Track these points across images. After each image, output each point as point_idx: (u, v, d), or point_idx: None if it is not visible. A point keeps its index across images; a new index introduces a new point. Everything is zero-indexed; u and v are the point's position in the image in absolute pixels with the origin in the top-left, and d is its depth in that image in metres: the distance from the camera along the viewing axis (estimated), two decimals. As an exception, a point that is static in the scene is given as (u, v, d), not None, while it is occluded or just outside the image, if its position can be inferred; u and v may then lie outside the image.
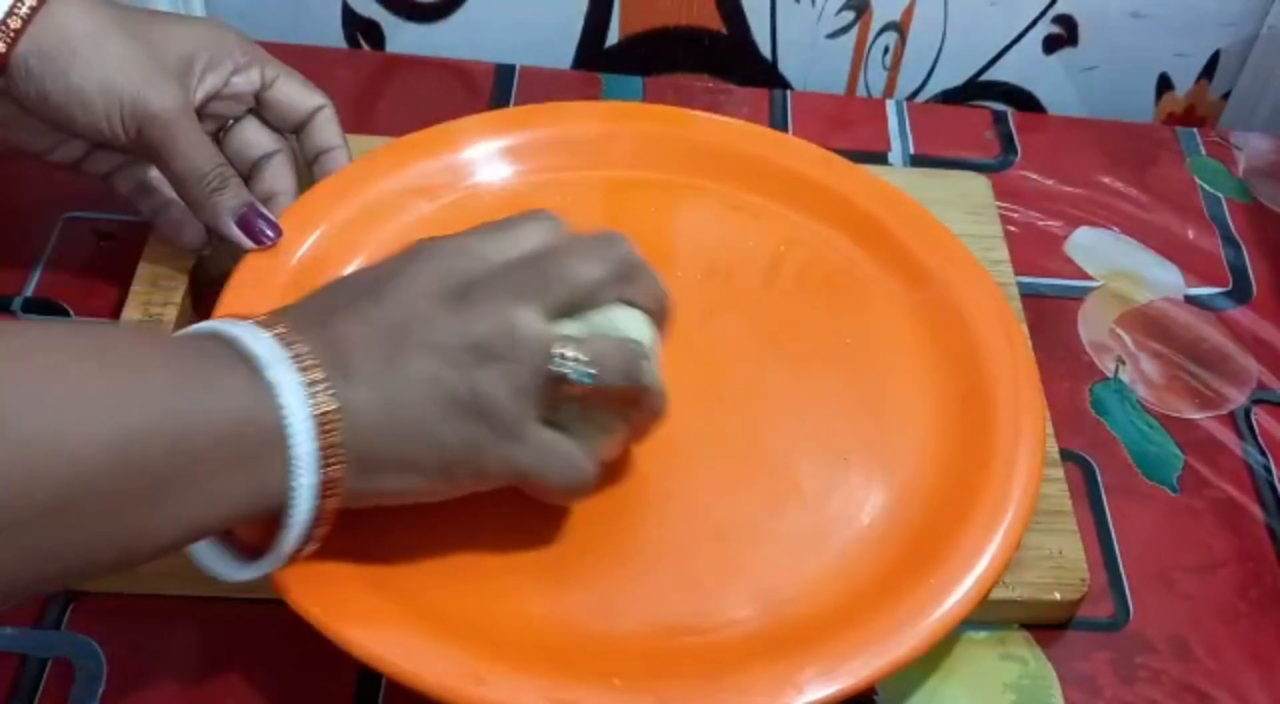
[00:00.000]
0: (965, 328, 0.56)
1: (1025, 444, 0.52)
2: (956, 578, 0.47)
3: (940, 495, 0.51)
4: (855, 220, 0.60)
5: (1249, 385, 0.62)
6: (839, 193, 0.61)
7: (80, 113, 0.53)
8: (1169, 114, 0.82)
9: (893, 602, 0.47)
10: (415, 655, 0.44)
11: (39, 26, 0.52)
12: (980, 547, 0.48)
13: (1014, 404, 0.53)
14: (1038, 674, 0.51)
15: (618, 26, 0.78)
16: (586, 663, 0.45)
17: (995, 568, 0.48)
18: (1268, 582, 0.55)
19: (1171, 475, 0.58)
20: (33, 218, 0.64)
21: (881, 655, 0.45)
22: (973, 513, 0.49)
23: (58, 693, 0.48)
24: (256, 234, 0.55)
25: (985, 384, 0.54)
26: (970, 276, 0.58)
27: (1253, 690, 0.51)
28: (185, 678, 0.49)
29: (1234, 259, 0.68)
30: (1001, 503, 0.50)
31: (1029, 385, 0.54)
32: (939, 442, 0.53)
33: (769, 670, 0.45)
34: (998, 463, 0.51)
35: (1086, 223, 0.69)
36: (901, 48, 0.79)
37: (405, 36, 0.79)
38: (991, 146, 0.73)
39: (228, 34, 0.57)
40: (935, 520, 0.50)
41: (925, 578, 0.48)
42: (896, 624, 0.46)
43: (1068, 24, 0.78)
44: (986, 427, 0.52)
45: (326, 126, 0.60)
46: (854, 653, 0.45)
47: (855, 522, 0.51)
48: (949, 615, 0.47)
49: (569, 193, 0.61)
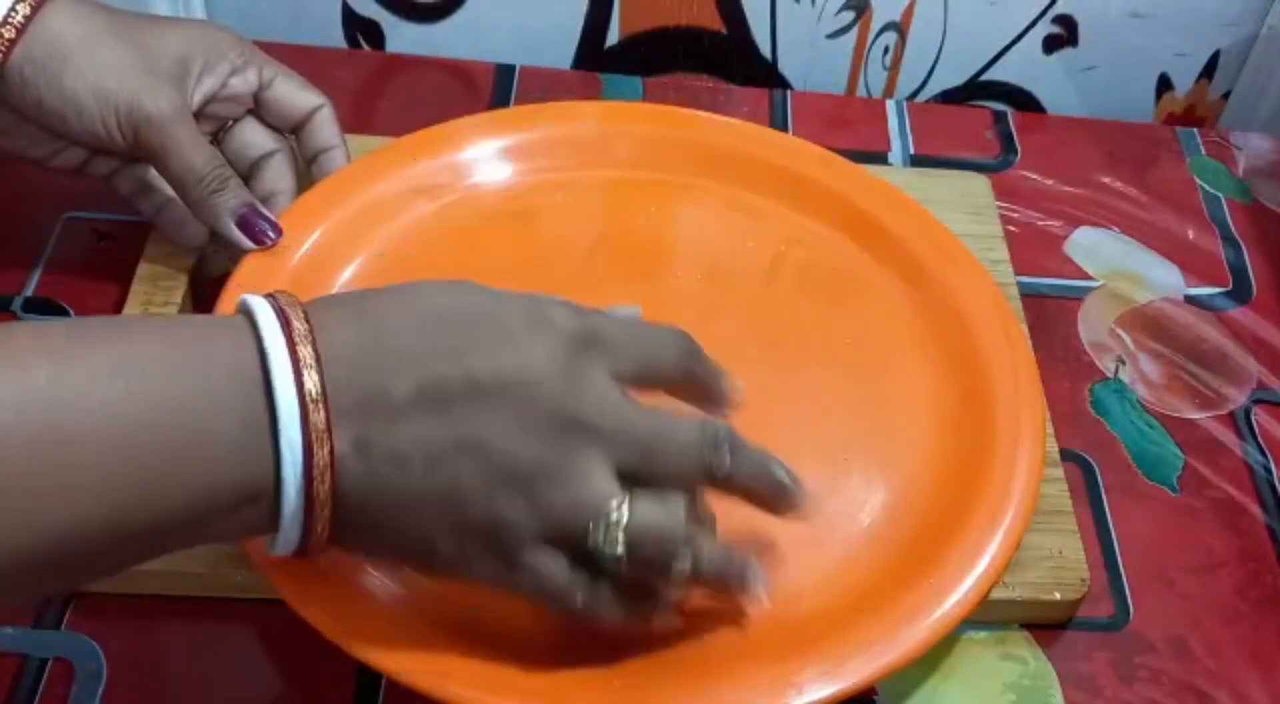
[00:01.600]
0: (965, 328, 0.56)
1: (1025, 444, 0.52)
2: (956, 578, 0.47)
3: (940, 495, 0.51)
4: (856, 220, 0.60)
5: (1249, 385, 0.62)
6: (839, 193, 0.61)
7: (75, 119, 0.53)
8: (1169, 114, 0.82)
9: (893, 601, 0.47)
10: (413, 657, 0.44)
11: (33, 34, 0.52)
12: (980, 547, 0.48)
13: (1014, 404, 0.53)
14: (1038, 674, 0.51)
15: (618, 26, 0.78)
16: (586, 664, 0.45)
17: (995, 568, 0.48)
18: (1268, 582, 0.55)
19: (1171, 475, 0.58)
20: (33, 218, 0.64)
21: (882, 655, 0.45)
22: (973, 513, 0.49)
23: (58, 693, 0.48)
24: (257, 234, 0.55)
25: (985, 384, 0.54)
26: (970, 277, 0.58)
27: (1253, 690, 0.51)
28: (185, 678, 0.49)
29: (1234, 259, 0.68)
30: (1001, 503, 0.50)
31: (1029, 385, 0.54)
32: (939, 441, 0.53)
33: (769, 670, 0.45)
34: (998, 463, 0.51)
35: (1086, 223, 0.69)
36: (901, 48, 0.79)
37: (405, 36, 0.79)
38: (991, 146, 0.73)
39: (224, 36, 0.57)
40: (935, 520, 0.50)
41: (925, 578, 0.48)
42: (897, 624, 0.46)
43: (1068, 24, 0.78)
44: (986, 426, 0.52)
45: (325, 126, 0.60)
46: (854, 653, 0.45)
47: (855, 522, 0.51)
48: (949, 615, 0.47)
49: (569, 193, 0.61)
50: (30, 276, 0.61)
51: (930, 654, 0.49)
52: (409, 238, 0.58)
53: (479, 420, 0.38)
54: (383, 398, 0.38)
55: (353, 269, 0.57)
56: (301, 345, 0.38)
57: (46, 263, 0.62)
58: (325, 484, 0.38)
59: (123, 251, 0.61)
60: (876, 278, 0.59)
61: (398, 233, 0.58)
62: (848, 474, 0.52)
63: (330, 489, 0.38)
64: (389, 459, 0.38)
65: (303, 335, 0.38)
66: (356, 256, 0.57)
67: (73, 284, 0.61)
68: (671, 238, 0.61)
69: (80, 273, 0.61)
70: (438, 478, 0.39)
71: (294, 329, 0.38)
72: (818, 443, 0.53)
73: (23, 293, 0.60)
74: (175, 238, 0.59)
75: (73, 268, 0.62)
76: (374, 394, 0.38)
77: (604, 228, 0.61)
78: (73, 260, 0.62)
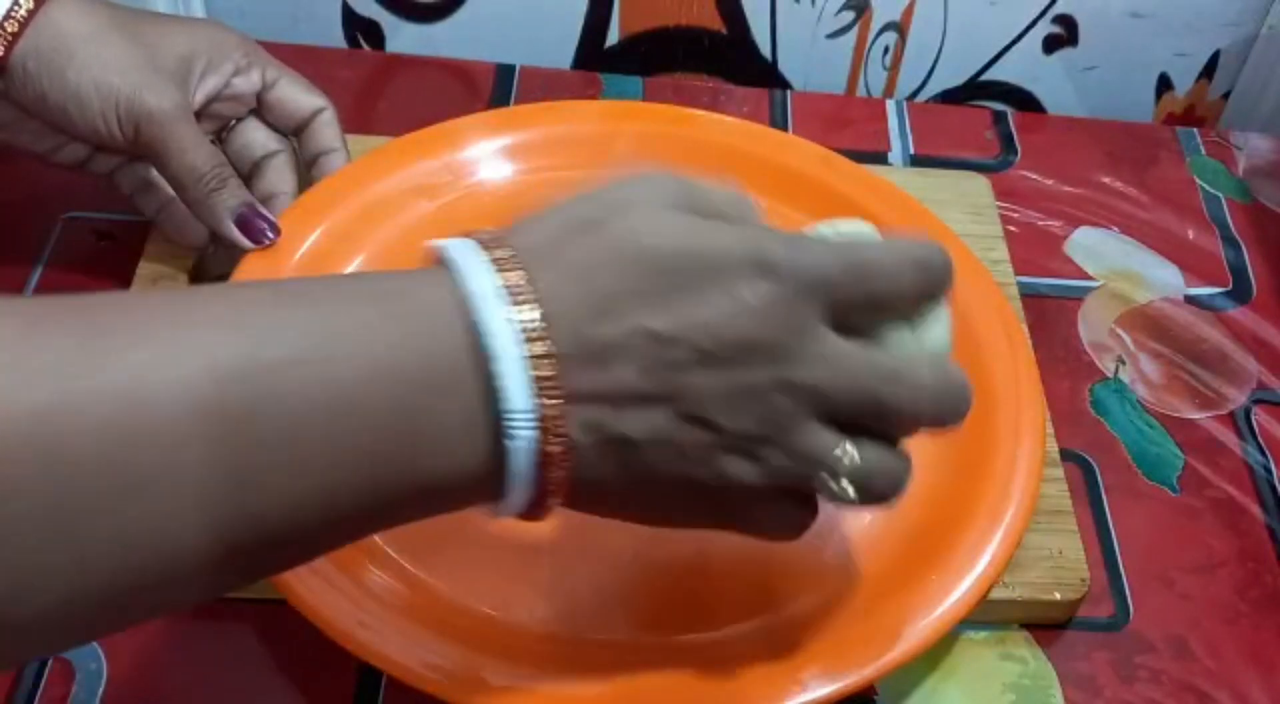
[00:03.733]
0: (966, 327, 0.56)
1: (1026, 443, 0.52)
2: (957, 577, 0.48)
3: (940, 494, 0.51)
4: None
5: (1249, 385, 0.62)
6: (840, 191, 0.61)
7: (78, 114, 0.53)
8: (1169, 114, 0.82)
9: (894, 600, 0.47)
10: (415, 654, 0.44)
11: (36, 28, 0.52)
12: (980, 546, 0.48)
13: (1015, 404, 0.53)
14: (1038, 674, 0.51)
15: (618, 26, 0.78)
16: (588, 662, 0.45)
17: (996, 567, 0.48)
18: (1268, 581, 0.55)
19: (1171, 475, 0.58)
20: (33, 218, 0.64)
21: (883, 653, 0.45)
22: (973, 512, 0.49)
23: (58, 693, 0.48)
24: (255, 234, 0.55)
25: (986, 383, 0.54)
26: (970, 275, 0.58)
27: (1253, 690, 0.51)
28: (185, 678, 0.49)
29: (1234, 259, 0.68)
30: (1001, 502, 0.50)
31: (1029, 385, 0.54)
32: (940, 441, 0.53)
33: (771, 669, 0.45)
34: (998, 462, 0.51)
35: (1086, 223, 0.69)
36: (901, 48, 0.79)
37: (405, 36, 0.79)
38: (991, 146, 0.73)
39: (229, 36, 0.57)
40: (935, 519, 0.50)
41: (926, 576, 0.48)
42: (898, 622, 0.46)
43: (1068, 24, 0.78)
44: (987, 426, 0.52)
45: (326, 129, 0.60)
46: (856, 651, 0.46)
47: (856, 520, 0.51)
48: (949, 614, 0.47)
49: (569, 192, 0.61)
50: (30, 276, 0.61)
51: (930, 653, 0.49)
52: (409, 238, 0.58)
53: (702, 392, 0.37)
54: (606, 371, 0.36)
55: (353, 269, 0.57)
56: (525, 311, 0.35)
57: (46, 263, 0.62)
58: (561, 471, 0.37)
59: (123, 251, 0.61)
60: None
61: (398, 233, 0.58)
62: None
63: (564, 477, 0.37)
64: (616, 440, 0.37)
65: (526, 295, 0.36)
66: (356, 256, 0.57)
67: (73, 284, 0.61)
68: None
69: (80, 273, 0.61)
70: (666, 452, 0.38)
71: (514, 289, 0.36)
72: None
73: (23, 293, 0.60)
74: (176, 238, 0.59)
75: (73, 268, 0.62)
76: (598, 366, 0.36)
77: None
78: (73, 260, 0.62)
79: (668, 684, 0.45)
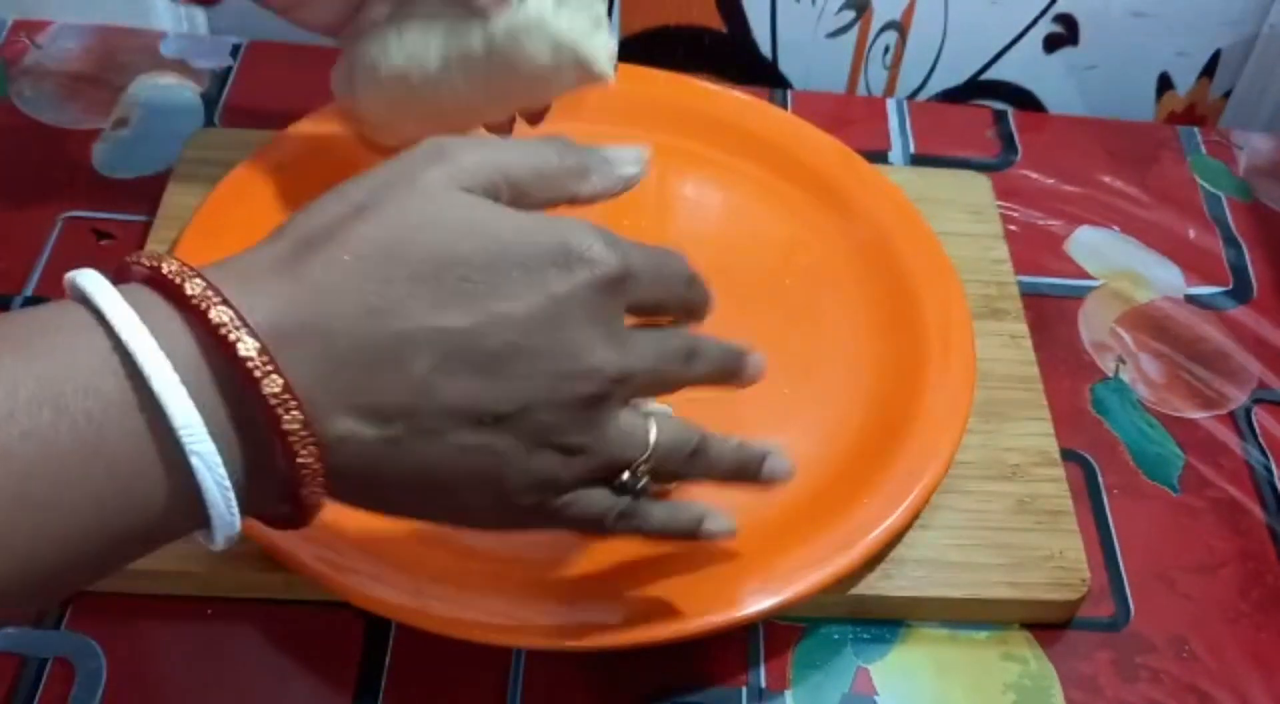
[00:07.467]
0: (889, 254, 0.61)
1: (955, 356, 0.56)
2: (894, 497, 0.51)
3: (876, 418, 0.55)
4: (788, 163, 0.65)
5: (1249, 385, 0.62)
6: (786, 149, 0.65)
7: None
8: (1170, 113, 0.82)
9: (828, 523, 0.50)
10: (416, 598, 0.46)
11: None
12: (917, 467, 0.52)
13: (945, 323, 0.57)
14: (1038, 674, 0.51)
15: (618, 26, 0.78)
16: (545, 587, 0.48)
17: (930, 483, 0.52)
18: (1269, 582, 0.55)
19: (1172, 475, 0.58)
20: (33, 218, 0.64)
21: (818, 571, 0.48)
22: (908, 433, 0.53)
23: (58, 693, 0.48)
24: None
25: (915, 311, 0.58)
26: (894, 208, 0.62)
27: (1253, 690, 0.51)
28: (185, 678, 0.49)
29: (1234, 258, 0.68)
30: (932, 441, 0.53)
31: (958, 308, 0.58)
32: (873, 372, 0.57)
33: (714, 587, 0.48)
34: (931, 371, 0.55)
35: (1087, 222, 0.69)
36: (902, 47, 0.79)
37: (405, 36, 0.79)
38: (992, 146, 0.73)
39: None
40: (876, 438, 0.54)
41: (859, 500, 0.51)
42: (833, 543, 0.49)
43: (1068, 23, 0.78)
44: (917, 344, 0.56)
45: None
46: (793, 570, 0.48)
47: (799, 444, 0.51)
48: (890, 528, 0.50)
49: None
50: (30, 276, 0.61)
51: (930, 653, 0.49)
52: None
53: (518, 386, 0.36)
54: (395, 367, 0.35)
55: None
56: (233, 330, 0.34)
57: (46, 263, 0.62)
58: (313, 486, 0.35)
59: (123, 251, 0.61)
60: (812, 217, 0.63)
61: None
62: (786, 403, 0.55)
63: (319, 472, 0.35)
64: (417, 434, 0.36)
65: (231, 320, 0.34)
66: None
67: (73, 284, 0.61)
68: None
69: (80, 272, 0.61)
70: (467, 456, 0.37)
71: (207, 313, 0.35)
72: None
73: (23, 293, 0.60)
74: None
75: (72, 268, 0.61)
76: (378, 364, 0.35)
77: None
78: (73, 260, 0.62)
79: (623, 604, 0.47)
